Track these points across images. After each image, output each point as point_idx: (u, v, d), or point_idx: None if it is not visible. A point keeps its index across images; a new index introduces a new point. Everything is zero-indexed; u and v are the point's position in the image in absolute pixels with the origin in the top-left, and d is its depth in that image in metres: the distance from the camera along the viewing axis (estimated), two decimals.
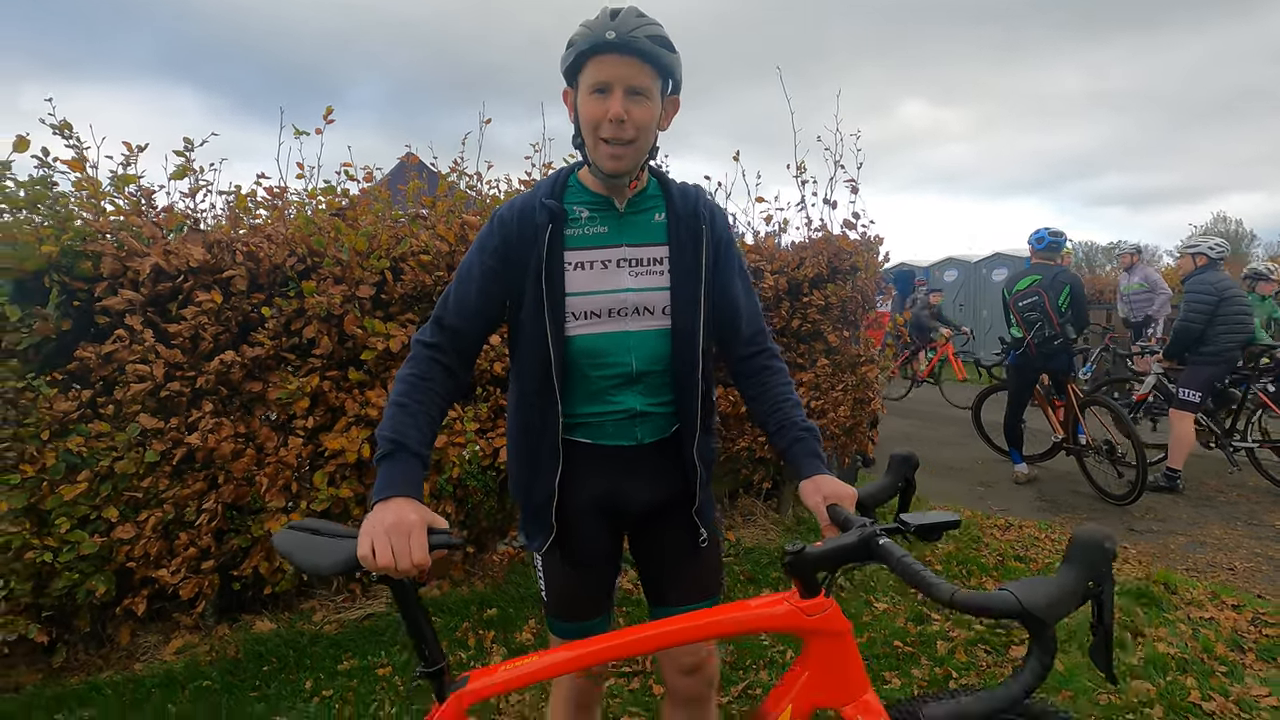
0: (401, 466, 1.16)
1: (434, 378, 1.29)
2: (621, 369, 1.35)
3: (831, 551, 1.04)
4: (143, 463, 2.57)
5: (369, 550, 1.02)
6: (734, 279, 1.45)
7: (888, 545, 1.01)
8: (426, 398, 1.26)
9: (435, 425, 1.27)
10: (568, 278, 1.31)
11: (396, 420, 1.21)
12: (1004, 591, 0.84)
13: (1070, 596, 0.85)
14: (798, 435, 1.35)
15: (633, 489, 1.41)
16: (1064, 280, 4.93)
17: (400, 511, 1.06)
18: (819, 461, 1.31)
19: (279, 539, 1.09)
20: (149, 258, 2.57)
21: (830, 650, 1.08)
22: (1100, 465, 4.88)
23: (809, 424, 1.38)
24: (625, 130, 1.24)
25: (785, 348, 3.79)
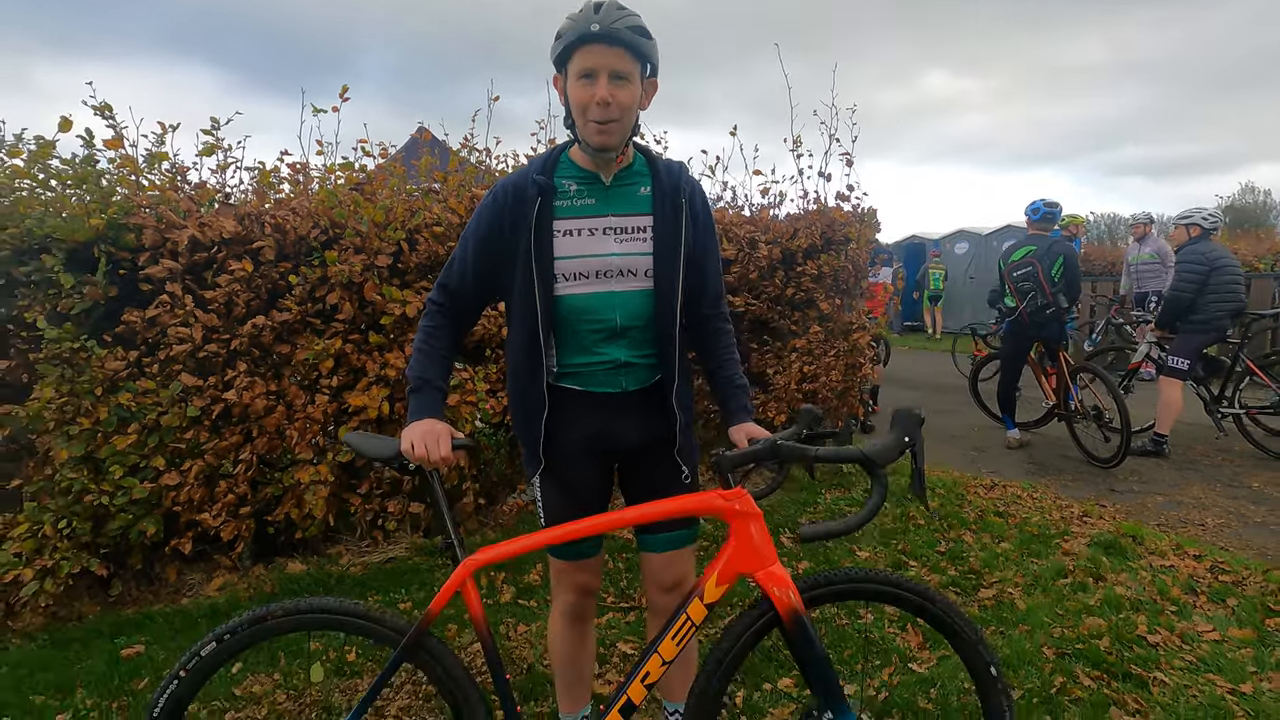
0: (428, 397, 1.49)
1: (444, 327, 1.56)
2: (607, 324, 1.56)
3: (743, 453, 1.38)
4: (185, 417, 2.84)
5: (409, 446, 1.37)
6: (708, 251, 1.65)
7: (783, 444, 1.34)
8: (440, 343, 1.55)
9: (450, 363, 1.58)
10: (557, 244, 1.52)
11: (419, 362, 1.51)
12: (852, 448, 1.33)
13: (894, 448, 1.28)
14: (733, 390, 1.67)
15: (620, 431, 1.62)
16: (1058, 250, 5.05)
17: (430, 423, 1.41)
18: (746, 414, 1.64)
19: (348, 438, 1.48)
20: (186, 230, 2.80)
21: (745, 529, 1.38)
22: (1089, 430, 5.04)
23: (743, 381, 1.69)
24: (611, 111, 1.43)
25: (779, 315, 3.99)
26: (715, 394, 1.70)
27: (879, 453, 1.31)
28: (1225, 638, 2.51)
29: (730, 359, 1.70)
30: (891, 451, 1.30)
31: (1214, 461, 4.99)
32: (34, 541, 2.66)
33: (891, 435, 1.32)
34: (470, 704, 1.41)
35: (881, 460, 1.30)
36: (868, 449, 1.31)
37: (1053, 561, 3.17)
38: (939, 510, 3.82)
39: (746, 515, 1.38)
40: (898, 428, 1.31)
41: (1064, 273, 5.02)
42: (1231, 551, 3.36)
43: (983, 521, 3.69)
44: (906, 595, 1.46)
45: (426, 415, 1.45)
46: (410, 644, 1.38)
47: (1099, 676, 2.28)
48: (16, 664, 2.50)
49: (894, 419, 1.33)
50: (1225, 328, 4.95)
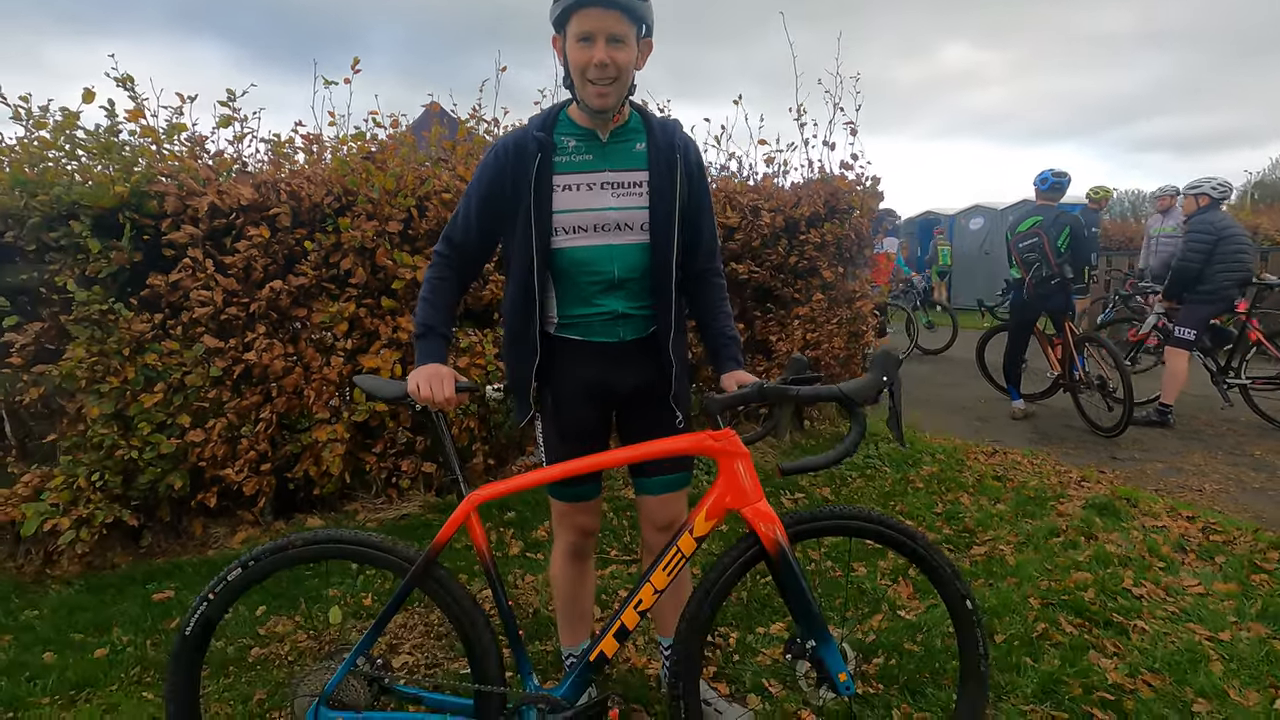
0: (433, 343, 1.59)
1: (448, 278, 1.65)
2: (605, 276, 1.64)
3: (730, 396, 1.47)
4: (208, 377, 2.98)
5: (415, 387, 1.46)
6: (702, 206, 1.73)
7: (768, 386, 1.42)
8: (444, 293, 1.64)
9: (453, 311, 1.68)
10: (556, 198, 1.60)
11: (425, 311, 1.60)
12: (832, 386, 1.35)
13: (872, 386, 1.35)
14: (724, 341, 1.75)
15: (618, 378, 1.71)
16: (1065, 221, 5.04)
17: (436, 368, 1.51)
18: (735, 363, 1.72)
19: (359, 380, 1.58)
20: (206, 197, 2.91)
21: (732, 468, 1.46)
22: (1093, 400, 5.08)
23: (734, 333, 1.78)
24: (608, 71, 1.50)
25: (782, 283, 4.04)
26: (707, 345, 1.79)
27: (856, 391, 1.38)
28: (1210, 591, 2.58)
29: (723, 311, 1.78)
30: (869, 390, 1.37)
31: (1218, 431, 5.01)
32: (69, 493, 2.81)
33: (870, 375, 1.39)
34: (477, 629, 1.52)
35: (859, 398, 1.38)
36: (845, 387, 1.39)
37: (1046, 522, 3.24)
38: (938, 474, 3.90)
39: (734, 454, 1.46)
40: (876, 368, 1.38)
41: (1070, 243, 5.02)
42: (1226, 514, 3.42)
43: (980, 485, 3.77)
44: (887, 532, 1.54)
45: (432, 360, 1.54)
46: (419, 572, 1.49)
47: (1081, 624, 2.37)
48: (57, 606, 2.67)
49: (872, 361, 1.40)
50: (1233, 298, 4.95)
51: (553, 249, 1.62)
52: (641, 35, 1.58)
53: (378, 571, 2.86)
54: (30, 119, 2.97)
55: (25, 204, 2.78)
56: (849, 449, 1.37)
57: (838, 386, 1.38)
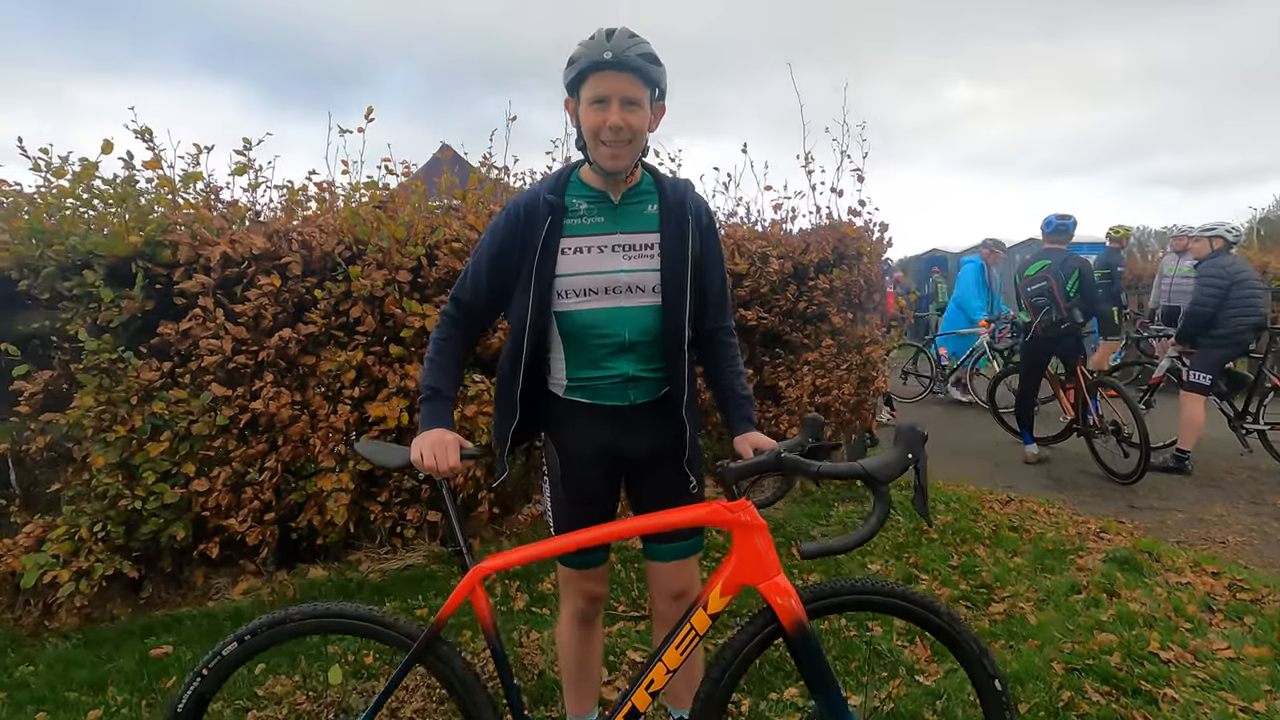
0: (438, 406, 1.56)
1: (454, 338, 1.65)
2: (615, 339, 1.62)
3: (747, 465, 1.40)
4: (214, 425, 2.96)
5: (419, 456, 1.42)
6: (713, 266, 1.72)
7: (788, 457, 1.36)
8: (451, 353, 1.63)
9: (460, 372, 1.66)
10: (566, 262, 1.59)
11: (431, 373, 1.57)
12: (854, 464, 1.31)
13: (896, 464, 1.28)
14: (737, 401, 1.71)
15: (628, 442, 1.68)
16: (1073, 265, 5.03)
17: (440, 434, 1.46)
18: (750, 424, 1.68)
19: (360, 446, 1.56)
20: (219, 246, 2.93)
21: (749, 541, 1.40)
22: (1108, 445, 4.99)
23: (747, 392, 1.74)
24: (622, 135, 1.50)
25: (791, 328, 4.03)
26: (720, 405, 1.75)
27: (880, 469, 1.30)
28: (1240, 655, 2.48)
29: (734, 370, 1.75)
30: (894, 468, 1.30)
31: (1238, 478, 4.91)
32: (70, 544, 2.78)
33: (894, 451, 1.33)
34: (479, 706, 1.47)
35: (883, 477, 1.30)
36: (869, 465, 1.31)
37: (1066, 577, 3.15)
38: (953, 525, 3.81)
39: (750, 527, 1.41)
40: (901, 444, 1.32)
41: (1079, 287, 5.00)
42: (1252, 569, 3.31)
43: (997, 536, 3.68)
44: (910, 607, 1.48)
45: (437, 425, 1.50)
46: (421, 648, 1.44)
47: (1108, 692, 2.27)
48: (53, 661, 2.62)
49: (897, 435, 1.34)
50: (1247, 342, 4.90)
51: (561, 312, 1.61)
52: (655, 99, 1.59)
53: None
54: (49, 169, 3.02)
55: (41, 254, 2.81)
56: (872, 531, 1.31)
57: (860, 464, 1.31)
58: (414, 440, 1.47)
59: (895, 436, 1.33)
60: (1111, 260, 7.82)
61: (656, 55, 1.52)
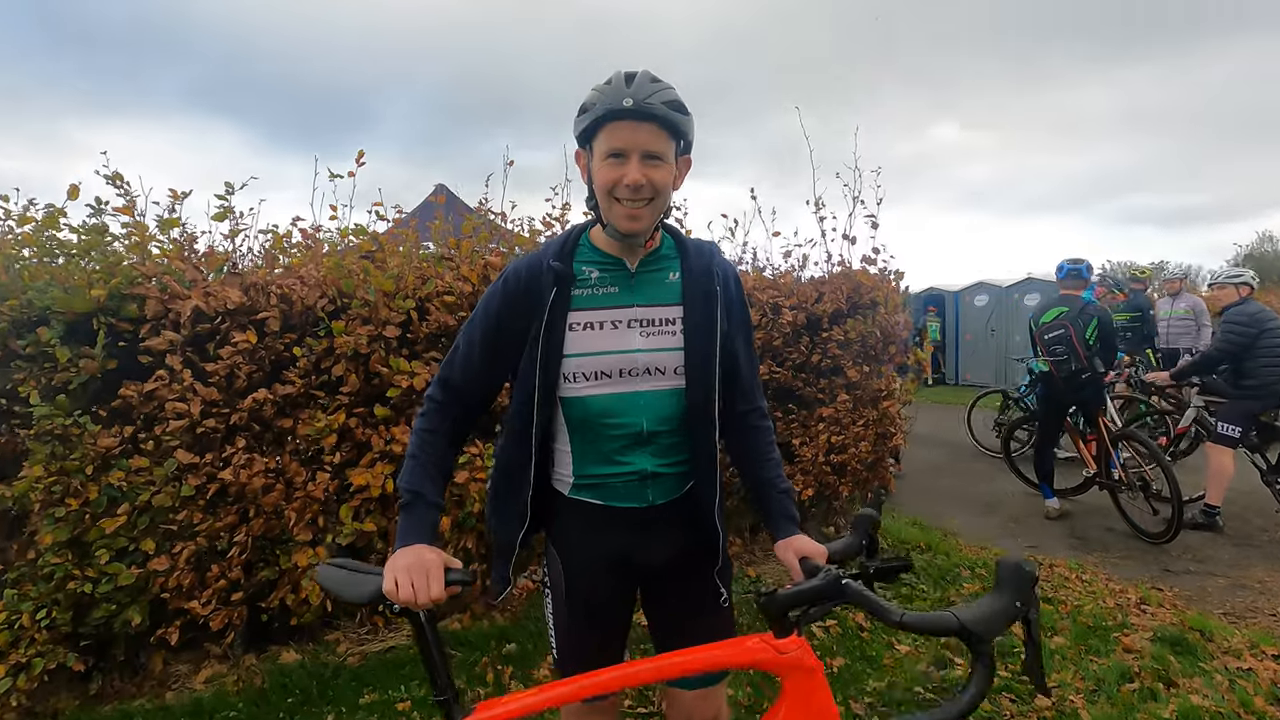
0: (420, 515, 1.28)
1: (443, 430, 1.38)
2: (631, 429, 1.38)
3: (801, 592, 1.12)
4: (178, 496, 2.68)
5: (393, 585, 1.14)
6: (740, 338, 1.49)
7: (849, 584, 1.09)
8: (437, 450, 1.36)
9: (447, 472, 1.38)
10: (574, 339, 1.36)
11: (413, 473, 1.30)
12: (946, 613, 0.99)
13: (1002, 616, 0.98)
14: (777, 498, 1.44)
15: (645, 550, 1.43)
16: (1092, 313, 4.85)
17: (420, 553, 1.18)
18: (793, 524, 1.40)
19: (320, 573, 1.27)
20: (190, 300, 2.70)
21: (803, 687, 1.14)
22: (1135, 501, 4.74)
23: (787, 486, 1.46)
24: (642, 193, 1.29)
25: (805, 383, 3.80)
26: (756, 501, 1.49)
27: (981, 622, 0.98)
28: None
29: (770, 459, 1.49)
30: (998, 621, 1.00)
31: (1274, 536, 4.64)
32: (9, 634, 2.47)
33: (998, 599, 1.01)
34: None
35: (986, 633, 0.99)
36: (966, 617, 0.99)
37: (1114, 661, 2.87)
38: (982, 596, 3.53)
39: (804, 670, 1.14)
40: (1006, 589, 1.01)
41: (1099, 336, 4.82)
42: None
43: None
44: None
45: (416, 539, 1.23)
46: None
47: None
48: None
49: (999, 575, 1.03)
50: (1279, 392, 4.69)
51: (568, 398, 1.37)
52: (680, 152, 1.37)
53: None
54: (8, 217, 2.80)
55: None
56: (973, 704, 0.98)
57: (954, 614, 0.99)
58: (388, 562, 1.19)
59: (996, 575, 1.03)
60: (1140, 302, 7.57)
61: (683, 103, 1.31)
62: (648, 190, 1.29)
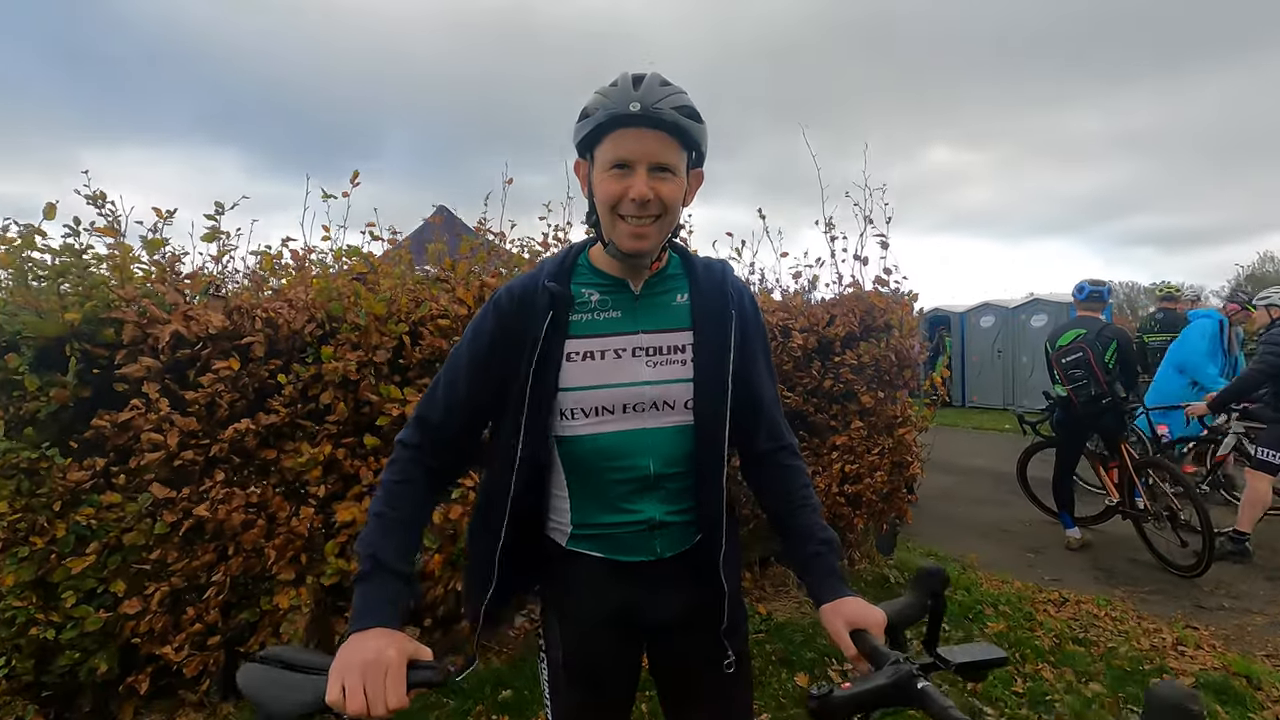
0: (380, 588, 1.07)
1: (416, 481, 1.20)
2: (638, 472, 1.22)
3: (863, 695, 0.90)
4: (152, 534, 2.51)
5: (339, 693, 0.92)
6: (759, 366, 1.33)
7: (928, 690, 0.88)
8: (408, 505, 1.18)
9: (418, 533, 1.20)
10: (572, 370, 1.20)
11: (375, 534, 1.13)
12: None
13: None
14: (817, 550, 1.23)
15: (651, 606, 1.27)
16: (1110, 334, 4.69)
17: (378, 646, 0.96)
18: (839, 581, 1.18)
19: (242, 675, 0.99)
20: (169, 325, 2.55)
21: None
22: (1161, 532, 4.53)
23: (829, 535, 1.26)
24: (650, 209, 1.15)
25: (816, 409, 3.63)
26: (791, 555, 1.29)
27: None
28: None
29: (807, 504, 1.30)
30: None
31: None
32: None
33: None
34: None
35: None
36: None
37: None
38: (1008, 635, 3.33)
39: None
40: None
41: (1119, 359, 4.65)
42: None
43: (1061, 651, 3.19)
44: None
45: (375, 621, 1.00)
46: None
47: None
48: None
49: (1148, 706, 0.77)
50: None
51: (566, 436, 1.22)
52: (692, 164, 1.23)
53: None
54: None
55: None
56: None
57: None
58: (337, 656, 0.96)
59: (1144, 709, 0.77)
60: (1175, 322, 7.03)
61: (696, 110, 1.17)
62: (655, 206, 1.15)
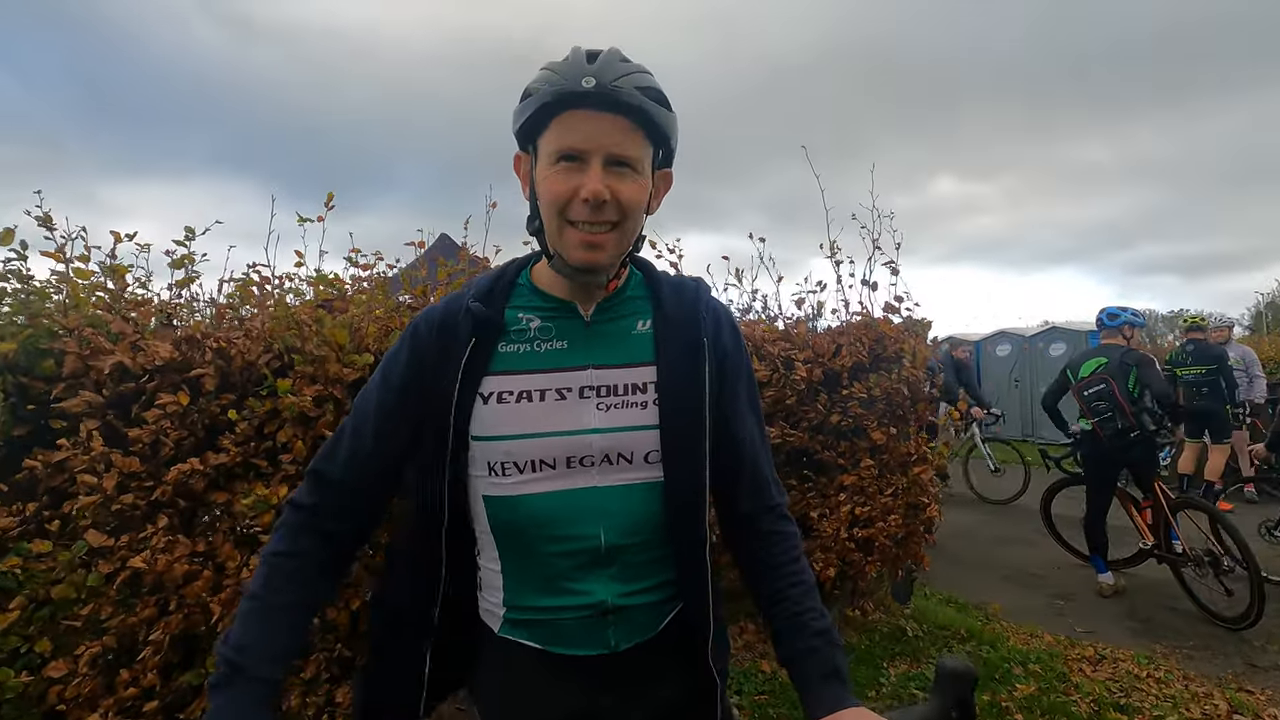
0: (237, 703, 0.85)
1: (306, 554, 0.96)
2: (584, 543, 0.98)
3: None
4: (83, 587, 2.27)
5: None
6: (741, 408, 1.09)
7: None
8: (292, 587, 0.94)
9: (303, 624, 0.94)
10: (501, 414, 0.97)
11: (243, 627, 0.89)
12: None
13: None
14: (811, 644, 0.97)
15: (609, 711, 1.01)
16: (1130, 361, 4.39)
17: None
18: (841, 685, 0.93)
19: None
20: (111, 356, 2.35)
21: None
22: (1203, 578, 4.18)
23: (825, 623, 0.99)
24: (606, 212, 0.92)
25: (823, 446, 3.36)
26: (780, 647, 1.02)
27: None
28: None
29: (799, 582, 1.04)
30: None
31: None
32: None
33: None
34: None
35: None
36: None
37: None
38: (1039, 699, 2.99)
39: None
40: None
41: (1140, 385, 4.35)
42: None
43: (1100, 719, 2.85)
44: None
45: None
46: None
47: None
48: None
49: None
50: None
51: (493, 496, 0.98)
52: (658, 162, 1.00)
53: None
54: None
55: None
56: None
57: None
58: None
59: None
60: (1215, 352, 6.72)
61: (664, 94, 0.94)
62: (612, 209, 0.92)
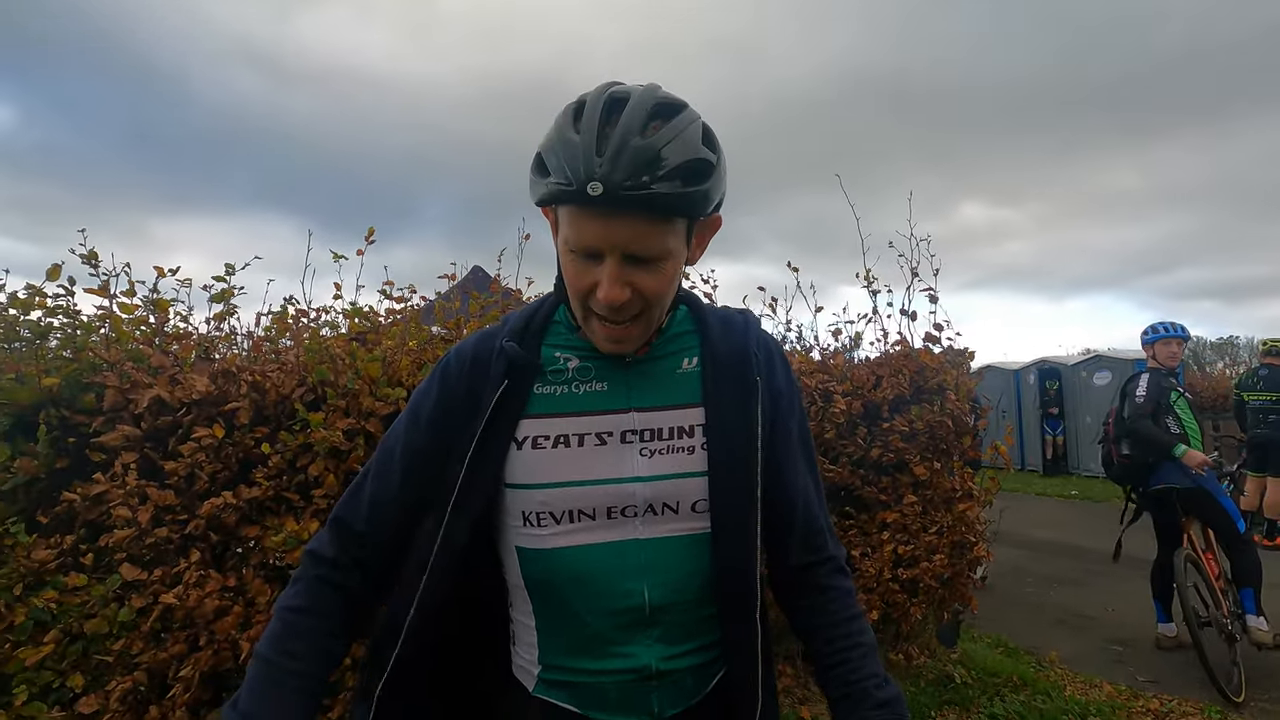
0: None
1: (323, 614, 0.90)
2: (628, 600, 0.91)
3: None
4: (115, 621, 2.27)
5: None
6: (792, 452, 1.01)
7: None
8: (307, 649, 0.88)
9: (317, 691, 0.88)
10: (536, 461, 0.91)
11: (251, 694, 0.83)
12: None
13: None
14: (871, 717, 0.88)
15: None
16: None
17: None
18: None
19: None
20: (150, 390, 2.37)
21: None
22: None
23: (891, 693, 0.91)
24: (627, 309, 0.86)
25: (864, 481, 3.24)
26: (837, 715, 0.93)
27: None
28: None
29: (859, 644, 0.96)
30: None
31: None
32: None
33: None
34: None
35: None
36: None
37: None
38: None
39: None
40: None
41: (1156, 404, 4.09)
42: None
43: None
44: None
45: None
46: None
47: None
48: None
49: None
50: None
51: (531, 550, 0.92)
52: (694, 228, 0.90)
53: None
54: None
55: None
56: None
57: None
58: None
59: None
60: None
61: (700, 160, 0.82)
62: (635, 303, 0.86)
